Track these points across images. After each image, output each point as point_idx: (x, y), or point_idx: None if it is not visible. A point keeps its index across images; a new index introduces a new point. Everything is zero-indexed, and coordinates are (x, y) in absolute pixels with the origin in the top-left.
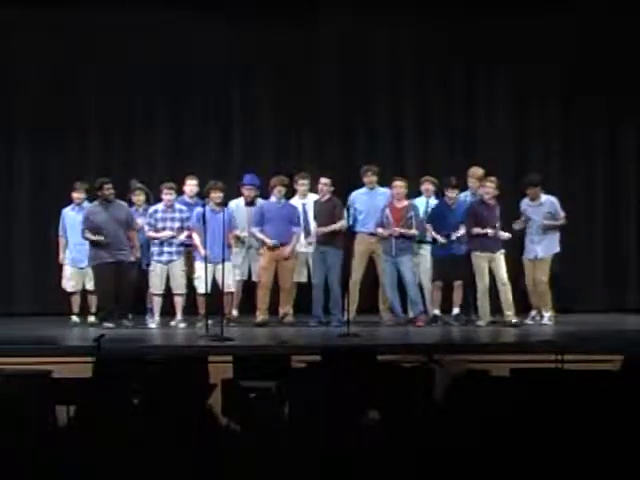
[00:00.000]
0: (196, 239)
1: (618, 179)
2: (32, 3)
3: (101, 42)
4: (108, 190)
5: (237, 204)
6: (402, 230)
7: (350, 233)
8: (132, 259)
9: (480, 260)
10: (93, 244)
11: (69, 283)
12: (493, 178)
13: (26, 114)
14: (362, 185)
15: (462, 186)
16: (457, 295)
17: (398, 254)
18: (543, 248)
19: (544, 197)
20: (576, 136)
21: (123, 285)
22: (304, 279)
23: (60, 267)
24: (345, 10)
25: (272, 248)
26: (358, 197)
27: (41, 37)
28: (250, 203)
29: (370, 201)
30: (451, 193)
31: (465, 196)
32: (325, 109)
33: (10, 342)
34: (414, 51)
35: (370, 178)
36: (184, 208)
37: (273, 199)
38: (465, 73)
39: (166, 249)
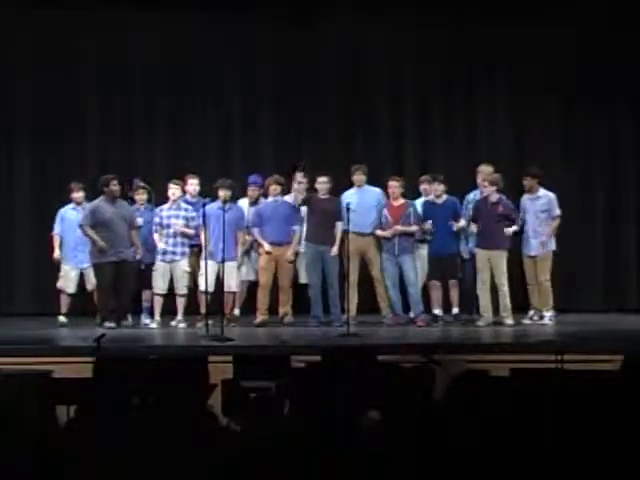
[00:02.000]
0: (202, 237)
1: (618, 179)
2: (32, 3)
3: (101, 42)
4: (115, 186)
5: (242, 204)
6: (402, 228)
7: (345, 233)
8: (135, 258)
9: (479, 256)
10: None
11: (70, 284)
12: (491, 178)
13: (26, 114)
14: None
15: (470, 185)
16: (454, 294)
17: (400, 253)
18: (540, 245)
19: (542, 192)
20: (576, 136)
21: (124, 284)
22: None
23: (59, 266)
24: (345, 10)
25: (271, 248)
26: (348, 197)
27: (41, 37)
28: (254, 203)
29: (360, 201)
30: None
31: (474, 195)
32: (325, 109)
33: (10, 342)
34: (414, 51)
35: (359, 177)
36: (190, 207)
37: (270, 199)
38: (465, 73)
39: (170, 249)
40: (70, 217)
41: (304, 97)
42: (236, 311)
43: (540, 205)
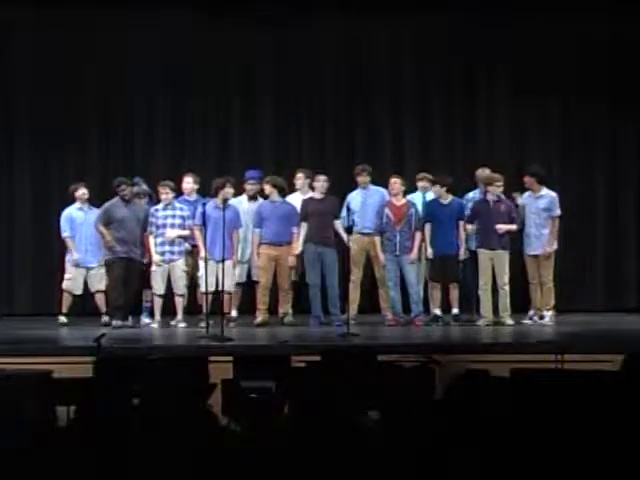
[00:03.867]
0: (199, 238)
1: (618, 179)
2: (32, 3)
3: (101, 42)
4: (123, 191)
5: (240, 201)
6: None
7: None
8: (143, 260)
9: (482, 256)
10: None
11: (78, 285)
12: (497, 176)
13: (26, 114)
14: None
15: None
16: (453, 295)
17: (401, 253)
18: (543, 244)
19: (545, 191)
20: (576, 136)
21: (131, 283)
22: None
23: (63, 268)
24: (345, 10)
25: (270, 248)
26: (353, 197)
27: (41, 37)
28: (252, 197)
29: (364, 201)
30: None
31: (474, 194)
32: (325, 109)
33: (10, 342)
34: (414, 51)
35: (364, 178)
36: (184, 207)
37: (268, 199)
38: (465, 73)
39: (167, 248)
40: (77, 218)
41: (304, 97)
42: (233, 313)
43: (542, 204)
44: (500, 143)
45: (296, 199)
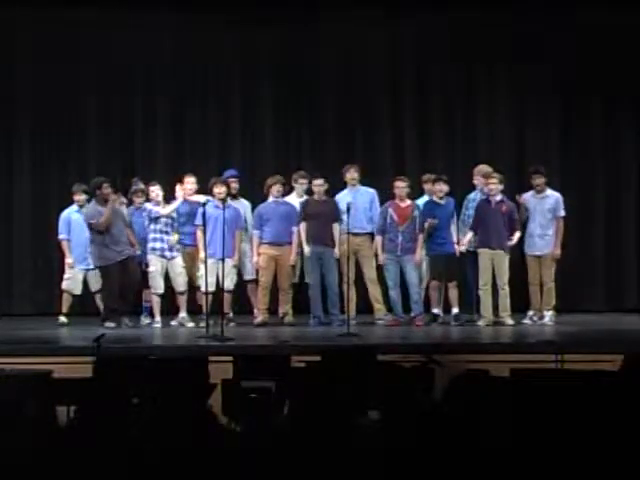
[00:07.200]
0: (199, 239)
1: (618, 179)
2: (32, 3)
3: (101, 42)
4: (107, 189)
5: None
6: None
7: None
8: (135, 254)
9: (483, 256)
10: (98, 243)
11: (78, 286)
12: (495, 174)
13: (26, 114)
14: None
15: (470, 184)
16: (453, 294)
17: (403, 253)
18: (546, 244)
19: (549, 191)
20: (576, 136)
21: (129, 282)
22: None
23: (62, 268)
24: (345, 10)
25: (271, 248)
26: (342, 198)
27: (41, 37)
28: (235, 196)
29: (353, 201)
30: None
31: (475, 194)
32: (325, 109)
33: (10, 342)
34: (414, 51)
35: (352, 175)
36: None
37: (270, 199)
38: (465, 73)
39: (167, 246)
40: (76, 220)
41: (304, 97)
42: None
43: (547, 204)
44: (500, 143)
45: (293, 201)
